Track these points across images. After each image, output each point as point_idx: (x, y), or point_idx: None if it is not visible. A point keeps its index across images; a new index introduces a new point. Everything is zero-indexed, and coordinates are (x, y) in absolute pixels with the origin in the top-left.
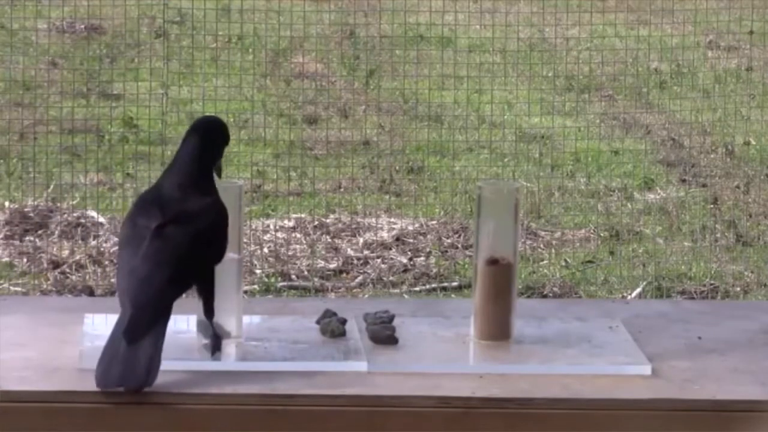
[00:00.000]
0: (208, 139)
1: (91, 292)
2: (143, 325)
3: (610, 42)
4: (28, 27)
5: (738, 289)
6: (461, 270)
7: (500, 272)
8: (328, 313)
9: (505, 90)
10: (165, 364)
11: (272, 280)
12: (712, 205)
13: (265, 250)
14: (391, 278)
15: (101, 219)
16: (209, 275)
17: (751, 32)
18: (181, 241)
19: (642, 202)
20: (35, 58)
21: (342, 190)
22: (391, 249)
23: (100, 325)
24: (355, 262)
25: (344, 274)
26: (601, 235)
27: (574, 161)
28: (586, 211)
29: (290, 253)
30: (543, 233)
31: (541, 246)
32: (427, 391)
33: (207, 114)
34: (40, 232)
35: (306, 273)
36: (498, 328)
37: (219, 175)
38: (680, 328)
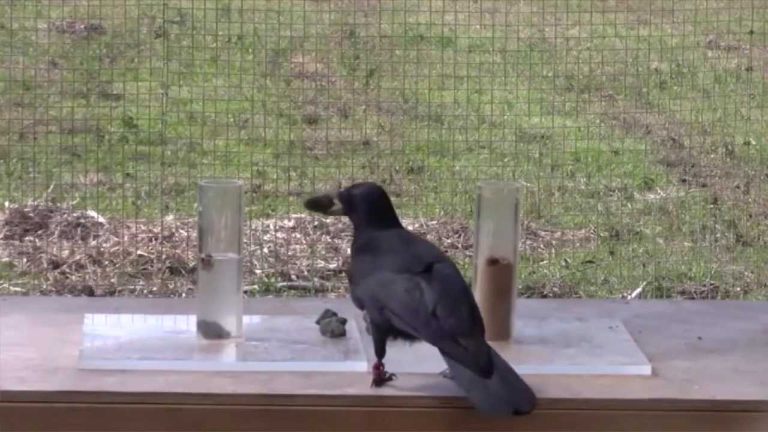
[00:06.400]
0: None
1: (91, 292)
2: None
3: (610, 42)
4: (28, 27)
5: (738, 289)
6: (461, 270)
7: (500, 272)
8: (328, 313)
9: (505, 90)
10: (165, 364)
11: (272, 280)
12: (712, 205)
13: (265, 250)
14: None
15: (101, 219)
16: None
17: (751, 32)
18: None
19: (642, 202)
20: (35, 58)
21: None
22: None
23: (100, 325)
24: None
25: (344, 274)
26: (601, 235)
27: (574, 161)
28: (586, 211)
29: (290, 253)
30: (543, 233)
31: (541, 246)
32: (427, 391)
33: None
34: (40, 232)
35: (306, 273)
36: (498, 328)
37: None
38: (680, 328)
